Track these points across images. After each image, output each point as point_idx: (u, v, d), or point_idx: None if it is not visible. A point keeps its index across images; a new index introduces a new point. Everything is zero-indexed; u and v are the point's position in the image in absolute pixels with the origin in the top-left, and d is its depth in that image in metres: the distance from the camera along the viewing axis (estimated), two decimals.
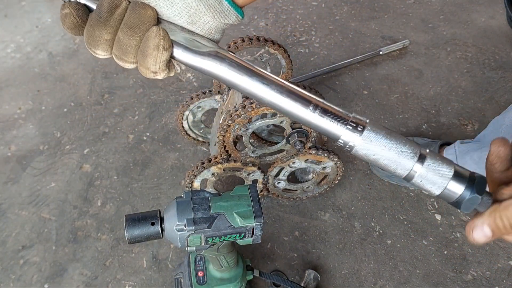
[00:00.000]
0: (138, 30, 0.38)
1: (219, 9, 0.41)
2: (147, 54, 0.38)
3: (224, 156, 0.95)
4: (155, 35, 0.38)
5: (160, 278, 0.99)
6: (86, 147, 1.25)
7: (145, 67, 0.39)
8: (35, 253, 1.03)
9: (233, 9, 0.41)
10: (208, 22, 0.41)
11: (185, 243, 0.64)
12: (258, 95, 0.40)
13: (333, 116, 0.38)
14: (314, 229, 1.08)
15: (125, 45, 0.39)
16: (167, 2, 0.39)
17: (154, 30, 0.38)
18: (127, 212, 1.09)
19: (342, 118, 0.38)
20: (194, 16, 0.40)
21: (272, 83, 0.39)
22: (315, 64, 1.51)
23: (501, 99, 1.39)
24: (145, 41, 0.38)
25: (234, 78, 0.39)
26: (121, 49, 0.39)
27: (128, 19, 0.39)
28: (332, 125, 0.38)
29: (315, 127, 0.39)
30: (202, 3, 0.40)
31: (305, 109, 0.38)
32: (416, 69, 1.50)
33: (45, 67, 1.51)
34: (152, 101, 1.38)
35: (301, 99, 0.39)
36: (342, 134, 0.38)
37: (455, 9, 1.75)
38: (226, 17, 0.42)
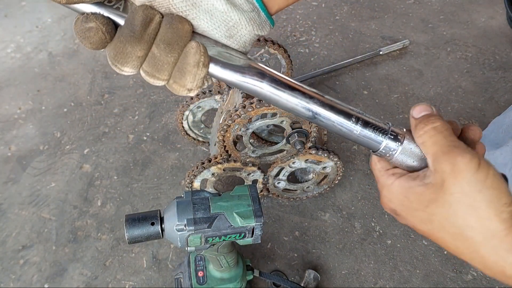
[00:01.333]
0: (176, 46, 0.36)
1: (258, 21, 0.39)
2: (186, 71, 0.36)
3: (224, 156, 0.95)
4: (195, 51, 0.36)
5: (160, 278, 0.99)
6: (86, 147, 1.25)
7: (181, 85, 0.37)
8: (35, 253, 1.03)
9: (268, 20, 0.40)
10: (245, 35, 0.39)
11: (185, 243, 0.64)
12: (298, 110, 0.40)
13: (375, 127, 0.40)
14: (314, 229, 1.08)
15: (161, 62, 0.36)
16: (207, 14, 0.37)
17: (194, 46, 0.36)
18: (127, 212, 1.09)
19: (383, 129, 0.40)
20: (233, 29, 0.38)
21: (313, 98, 0.40)
22: (315, 64, 1.51)
23: (501, 99, 1.39)
24: (184, 57, 0.36)
25: (275, 94, 0.39)
26: (155, 66, 0.36)
27: (165, 34, 0.36)
28: (374, 136, 0.40)
29: (356, 139, 0.41)
30: (244, 16, 0.38)
31: (347, 122, 0.40)
32: (416, 69, 1.50)
33: (45, 67, 1.51)
34: (152, 101, 1.38)
35: (343, 112, 0.40)
36: (382, 145, 0.40)
37: (455, 9, 1.75)
38: (262, 29, 0.40)
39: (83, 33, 0.35)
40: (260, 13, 0.39)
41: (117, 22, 0.36)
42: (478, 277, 1.00)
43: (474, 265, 0.38)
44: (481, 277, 1.00)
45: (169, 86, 0.38)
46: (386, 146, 0.40)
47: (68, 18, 1.71)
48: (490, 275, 0.37)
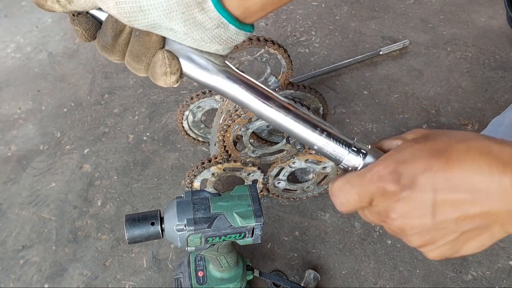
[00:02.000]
0: (144, 57, 0.38)
1: (225, 37, 0.38)
2: (156, 78, 0.39)
3: (224, 156, 0.95)
4: (161, 64, 0.38)
5: (160, 278, 0.99)
6: (86, 147, 1.25)
7: (157, 83, 0.40)
8: (35, 253, 1.03)
9: (242, 30, 0.39)
10: (215, 46, 0.39)
11: (185, 243, 0.64)
12: (265, 115, 0.40)
13: (338, 140, 0.40)
14: (314, 229, 1.08)
15: (134, 67, 0.40)
16: (170, 32, 0.37)
17: (160, 58, 0.38)
18: (127, 212, 1.09)
19: (347, 143, 0.40)
20: (199, 43, 0.38)
21: (282, 106, 0.40)
22: (315, 64, 1.51)
23: (501, 99, 1.39)
24: (153, 66, 0.39)
25: (244, 98, 0.40)
26: (131, 67, 0.40)
27: (133, 46, 0.38)
28: (338, 149, 0.40)
29: (320, 149, 0.40)
30: (206, 35, 0.37)
31: (312, 132, 0.40)
32: (416, 69, 1.50)
33: (45, 67, 1.51)
34: (152, 101, 1.38)
35: (309, 123, 0.40)
36: (346, 157, 0.40)
37: (455, 9, 1.75)
38: (234, 41, 0.39)
39: (73, 30, 0.40)
40: (228, 27, 0.37)
41: (101, 19, 0.39)
42: (478, 277, 1.00)
43: None
44: (481, 277, 1.00)
45: None
46: (348, 160, 0.40)
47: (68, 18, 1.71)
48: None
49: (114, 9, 0.36)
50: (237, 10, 0.37)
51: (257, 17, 0.39)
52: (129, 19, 0.36)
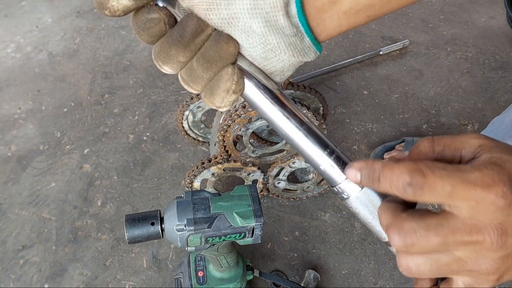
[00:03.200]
0: (214, 66, 0.35)
1: (300, 47, 0.36)
2: (215, 93, 0.36)
3: (224, 156, 0.95)
4: (228, 78, 0.35)
5: (160, 278, 0.99)
6: (86, 147, 1.25)
7: (210, 101, 0.37)
8: (35, 253, 1.03)
9: (313, 46, 0.37)
10: (283, 60, 0.37)
11: (185, 243, 0.64)
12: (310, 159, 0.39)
13: (340, 160, 0.38)
14: (314, 229, 1.08)
15: (196, 75, 0.36)
16: (244, 34, 0.35)
17: (229, 72, 0.35)
18: (127, 212, 1.09)
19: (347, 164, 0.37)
20: (270, 52, 0.36)
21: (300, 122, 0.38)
22: (315, 64, 1.51)
23: (501, 99, 1.39)
24: (217, 80, 0.36)
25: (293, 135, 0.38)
26: (191, 76, 0.36)
27: (207, 50, 0.35)
28: (335, 170, 0.37)
29: (318, 168, 0.38)
30: (283, 40, 0.35)
31: (321, 152, 0.38)
32: (416, 69, 1.50)
33: (45, 67, 1.51)
34: (152, 101, 1.38)
35: (321, 141, 0.38)
36: (342, 181, 0.37)
37: (455, 9, 1.75)
38: (305, 55, 0.37)
39: (142, 24, 0.35)
40: (304, 38, 0.36)
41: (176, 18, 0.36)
42: None
43: None
44: None
45: (201, 96, 0.38)
46: (346, 184, 0.37)
47: (68, 18, 1.72)
48: None
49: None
50: (313, 21, 0.35)
51: (330, 34, 0.37)
52: (210, 6, 0.33)
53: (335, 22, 0.36)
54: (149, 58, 1.54)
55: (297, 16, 0.34)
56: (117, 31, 1.66)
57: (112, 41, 1.61)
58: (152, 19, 0.34)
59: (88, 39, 1.62)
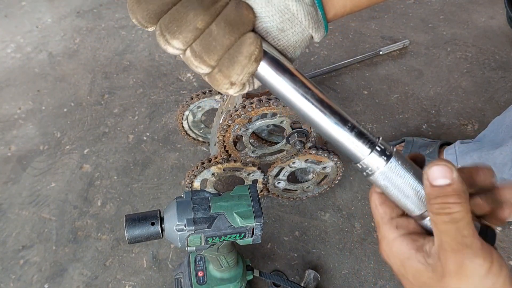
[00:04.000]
0: (236, 30, 0.33)
1: (316, 18, 0.36)
2: (236, 61, 0.33)
3: (224, 156, 0.95)
4: (251, 41, 0.33)
5: (160, 278, 0.99)
6: (86, 147, 1.25)
7: (226, 75, 0.34)
8: (35, 253, 1.03)
9: (323, 22, 0.37)
10: (298, 33, 0.36)
11: (185, 243, 0.64)
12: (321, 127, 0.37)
13: (362, 135, 0.36)
14: (314, 229, 1.08)
15: (216, 42, 0.33)
16: (264, 1, 0.34)
17: (252, 36, 0.33)
18: (127, 212, 1.09)
19: (370, 140, 0.36)
20: (287, 22, 0.35)
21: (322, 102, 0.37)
22: (315, 64, 1.51)
23: (501, 99, 1.39)
24: (239, 45, 0.33)
25: (310, 110, 0.36)
26: (207, 45, 0.33)
27: (229, 13, 0.33)
28: (358, 145, 0.36)
29: (342, 145, 0.37)
30: (303, 8, 0.35)
31: (341, 129, 0.36)
32: (416, 69, 1.50)
33: (45, 67, 1.51)
34: (152, 101, 1.38)
35: (341, 118, 0.37)
36: (366, 157, 0.36)
37: (455, 9, 1.75)
38: (317, 30, 0.37)
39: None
40: (317, 10, 0.36)
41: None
42: None
43: None
44: None
45: (211, 76, 0.35)
46: (370, 159, 0.35)
47: (68, 18, 1.72)
48: None
49: None
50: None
51: (336, 13, 0.37)
52: None
53: (341, 2, 0.37)
54: (149, 58, 1.54)
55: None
56: (117, 31, 1.66)
57: (112, 41, 1.61)
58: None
59: (88, 39, 1.62)
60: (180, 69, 1.49)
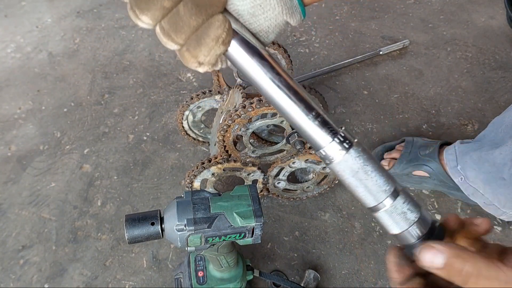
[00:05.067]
0: (204, 11, 0.33)
1: (289, 4, 0.35)
2: (203, 42, 0.33)
3: (224, 156, 0.95)
4: (219, 25, 0.33)
5: (160, 278, 0.99)
6: (86, 147, 1.25)
7: (193, 55, 0.34)
8: (35, 253, 1.03)
9: (299, 7, 0.36)
10: (270, 19, 0.35)
11: (185, 243, 0.64)
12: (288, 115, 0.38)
13: (325, 124, 0.37)
14: (314, 229, 1.08)
15: (183, 22, 0.33)
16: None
17: (220, 18, 0.33)
18: (127, 212, 1.09)
19: (333, 129, 0.36)
20: (258, 7, 0.35)
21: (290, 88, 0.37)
22: (315, 64, 1.51)
23: (501, 99, 1.39)
24: (206, 27, 0.33)
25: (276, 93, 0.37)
26: (174, 25, 0.33)
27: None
28: (320, 133, 0.36)
29: (304, 131, 0.37)
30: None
31: (305, 116, 0.37)
32: (416, 69, 1.50)
33: (45, 67, 1.51)
34: (152, 101, 1.38)
35: (306, 104, 0.37)
36: (327, 145, 0.36)
37: (455, 9, 1.75)
38: (292, 16, 0.36)
39: None
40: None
41: None
42: None
43: None
44: None
45: (180, 53, 0.35)
46: (329, 148, 0.36)
47: (68, 18, 1.72)
48: None
49: None
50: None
51: None
52: None
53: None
54: (149, 58, 1.54)
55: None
56: (117, 31, 1.66)
57: (112, 41, 1.61)
58: None
59: (88, 39, 1.62)
60: (180, 69, 1.49)
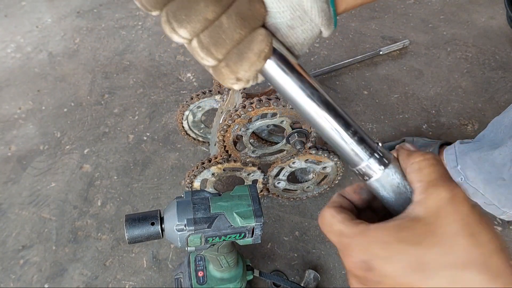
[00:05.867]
0: (248, 24, 0.32)
1: (328, 15, 0.35)
2: (245, 57, 0.32)
3: (224, 156, 0.95)
4: (262, 38, 0.32)
5: (160, 278, 0.99)
6: (86, 147, 1.25)
7: (233, 70, 0.33)
8: (35, 253, 1.03)
9: (333, 18, 0.36)
10: (308, 30, 0.35)
11: (185, 243, 0.64)
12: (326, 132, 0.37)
13: (363, 141, 0.37)
14: (314, 229, 1.08)
15: (225, 35, 0.31)
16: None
17: (263, 33, 0.32)
18: (127, 212, 1.09)
19: (371, 146, 0.36)
20: (297, 19, 0.34)
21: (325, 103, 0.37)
22: (315, 64, 1.51)
23: (501, 99, 1.39)
24: (249, 41, 0.32)
25: (300, 100, 0.36)
26: (216, 38, 0.31)
27: (241, 7, 0.32)
28: (358, 150, 0.36)
29: (341, 149, 0.37)
30: (316, 5, 0.33)
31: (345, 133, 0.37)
32: (416, 69, 1.50)
33: (45, 67, 1.51)
34: (152, 101, 1.38)
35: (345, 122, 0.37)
36: (365, 162, 0.36)
37: (455, 9, 1.75)
38: (328, 26, 0.36)
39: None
40: (329, 6, 0.35)
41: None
42: None
43: None
44: None
45: (216, 69, 0.34)
46: (368, 165, 0.36)
47: (68, 18, 1.72)
48: None
49: None
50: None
51: (347, 6, 0.36)
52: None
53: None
54: (149, 58, 1.54)
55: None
56: (117, 31, 1.66)
57: (112, 41, 1.61)
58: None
59: (88, 39, 1.62)
60: (180, 69, 1.49)
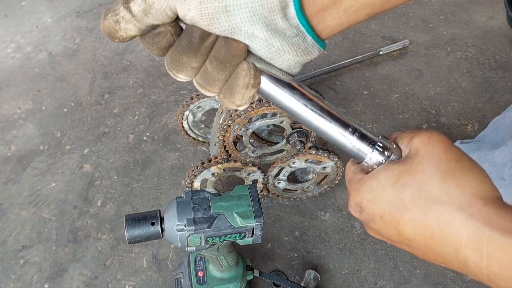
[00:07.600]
0: (228, 65, 0.36)
1: (303, 47, 0.37)
2: (235, 91, 0.37)
3: (224, 156, 0.95)
4: (245, 74, 0.36)
5: (160, 278, 0.99)
6: (86, 147, 1.25)
7: (230, 101, 0.38)
8: (35, 253, 1.03)
9: (316, 44, 0.38)
10: (289, 60, 0.37)
11: (185, 243, 0.64)
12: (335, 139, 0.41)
13: (363, 137, 0.40)
14: (314, 229, 1.08)
15: (213, 78, 0.36)
16: (248, 40, 0.35)
17: (245, 68, 0.36)
18: (127, 212, 1.09)
19: (371, 140, 0.40)
20: (274, 53, 0.37)
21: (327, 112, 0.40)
22: (315, 64, 1.51)
23: (501, 99, 1.39)
24: (235, 78, 0.36)
25: (316, 121, 0.40)
26: (207, 80, 0.37)
27: (219, 51, 0.36)
28: (360, 146, 0.40)
29: (345, 147, 0.40)
30: (286, 42, 0.36)
31: (344, 132, 0.40)
32: (416, 69, 1.50)
33: (45, 67, 1.51)
34: (152, 101, 1.38)
35: (342, 122, 0.40)
36: (368, 156, 0.39)
37: (455, 9, 1.75)
38: (309, 54, 0.38)
39: (151, 39, 0.36)
40: (306, 37, 0.37)
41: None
42: None
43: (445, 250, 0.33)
44: None
45: (219, 99, 0.39)
46: (371, 158, 0.39)
47: (68, 18, 1.72)
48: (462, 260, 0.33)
49: (196, 10, 0.33)
50: (315, 20, 0.36)
51: (332, 31, 0.38)
52: (210, 21, 0.34)
53: (336, 20, 0.37)
54: (149, 58, 1.54)
55: (297, 17, 0.35)
56: None
57: (112, 41, 1.61)
58: (159, 33, 0.36)
59: (88, 39, 1.62)
60: None
